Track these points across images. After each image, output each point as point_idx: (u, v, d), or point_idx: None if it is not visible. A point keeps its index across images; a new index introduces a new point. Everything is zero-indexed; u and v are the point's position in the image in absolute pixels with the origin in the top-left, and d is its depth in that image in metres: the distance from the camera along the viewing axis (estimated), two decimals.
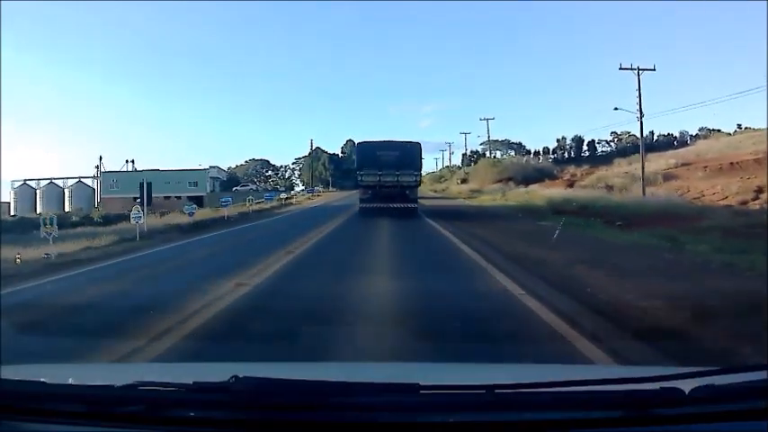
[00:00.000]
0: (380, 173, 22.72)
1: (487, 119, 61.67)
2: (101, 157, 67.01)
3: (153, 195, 19.92)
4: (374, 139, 24.41)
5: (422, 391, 1.45)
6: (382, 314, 5.86)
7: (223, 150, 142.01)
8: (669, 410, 1.36)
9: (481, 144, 74.15)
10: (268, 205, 36.50)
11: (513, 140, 79.27)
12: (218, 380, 1.44)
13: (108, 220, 25.47)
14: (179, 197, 55.49)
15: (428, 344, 4.53)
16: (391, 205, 22.24)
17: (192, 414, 1.44)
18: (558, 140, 72.86)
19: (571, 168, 56.38)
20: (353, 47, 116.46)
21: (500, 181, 50.15)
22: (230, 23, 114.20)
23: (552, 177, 51.09)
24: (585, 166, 53.93)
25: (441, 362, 3.66)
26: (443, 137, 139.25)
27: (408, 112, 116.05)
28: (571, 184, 41.47)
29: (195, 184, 63.90)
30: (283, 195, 48.96)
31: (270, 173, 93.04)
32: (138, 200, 18.39)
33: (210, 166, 72.14)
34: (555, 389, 1.44)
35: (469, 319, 5.41)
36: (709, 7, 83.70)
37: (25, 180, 64.34)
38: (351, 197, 42.55)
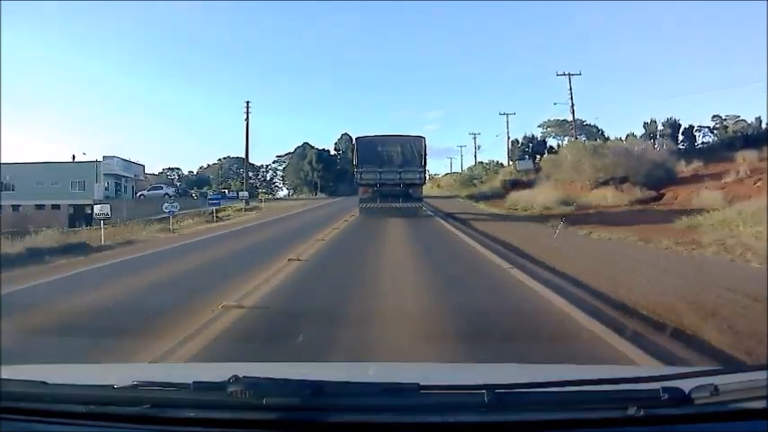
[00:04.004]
0: (381, 170, 21.36)
1: (569, 74, 37.81)
2: (76, 157, 47.57)
3: (16, 204, 11.02)
4: (374, 134, 22.93)
5: (422, 391, 1.45)
6: None
7: (203, 146, 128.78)
8: (669, 410, 1.36)
9: (541, 126, 51.07)
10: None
11: (587, 122, 47.89)
12: (217, 380, 1.44)
13: None
14: (57, 206, 37.95)
15: None
16: (394, 205, 20.93)
17: (191, 414, 1.44)
18: (645, 125, 44.37)
19: (680, 165, 32.14)
20: (356, 45, 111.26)
21: (605, 183, 29.17)
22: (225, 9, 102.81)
23: (675, 179, 29.06)
24: (698, 162, 32.26)
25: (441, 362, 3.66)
26: (451, 141, 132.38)
27: (412, 114, 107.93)
28: None
29: (82, 185, 42.14)
30: (210, 206, 30.67)
31: (249, 173, 75.09)
32: None
33: (105, 157, 44.86)
34: (555, 389, 1.44)
35: None
36: None
37: None
38: (295, 221, 22.96)
